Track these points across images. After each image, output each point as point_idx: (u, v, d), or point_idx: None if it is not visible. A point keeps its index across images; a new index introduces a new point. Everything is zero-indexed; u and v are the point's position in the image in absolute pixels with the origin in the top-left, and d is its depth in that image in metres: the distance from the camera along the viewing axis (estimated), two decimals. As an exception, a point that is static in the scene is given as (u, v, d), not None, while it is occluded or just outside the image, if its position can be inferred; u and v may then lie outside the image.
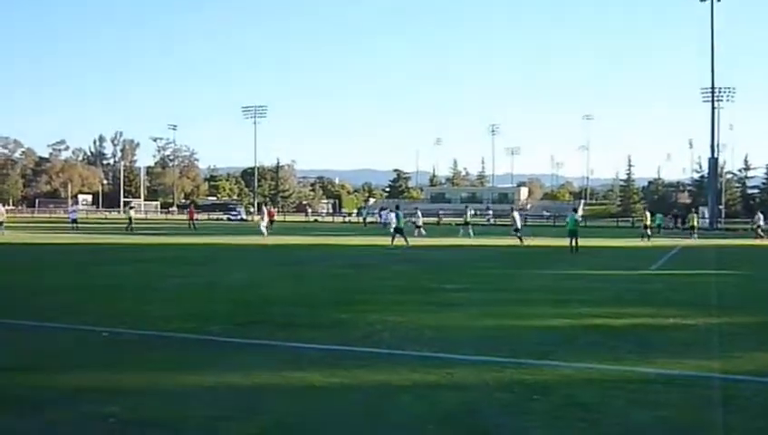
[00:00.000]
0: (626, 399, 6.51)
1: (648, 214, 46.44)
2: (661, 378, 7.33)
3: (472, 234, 41.97)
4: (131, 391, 6.64)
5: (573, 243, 28.72)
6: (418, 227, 41.58)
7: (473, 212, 52.81)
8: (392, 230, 31.55)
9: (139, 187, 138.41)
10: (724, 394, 6.79)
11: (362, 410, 6.17)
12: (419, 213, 44.34)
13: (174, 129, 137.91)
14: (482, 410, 6.16)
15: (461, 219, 48.35)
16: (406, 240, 30.60)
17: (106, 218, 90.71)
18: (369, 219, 72.40)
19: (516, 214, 38.18)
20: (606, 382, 7.12)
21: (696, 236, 46.58)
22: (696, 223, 50.24)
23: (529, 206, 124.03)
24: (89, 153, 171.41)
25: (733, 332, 10.34)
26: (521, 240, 34.52)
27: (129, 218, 51.45)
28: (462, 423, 5.83)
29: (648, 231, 42.53)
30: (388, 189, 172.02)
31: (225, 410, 6.07)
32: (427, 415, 5.99)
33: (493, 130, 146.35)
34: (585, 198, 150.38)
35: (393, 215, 33.30)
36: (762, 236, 44.19)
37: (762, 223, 46.13)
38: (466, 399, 6.47)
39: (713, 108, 77.56)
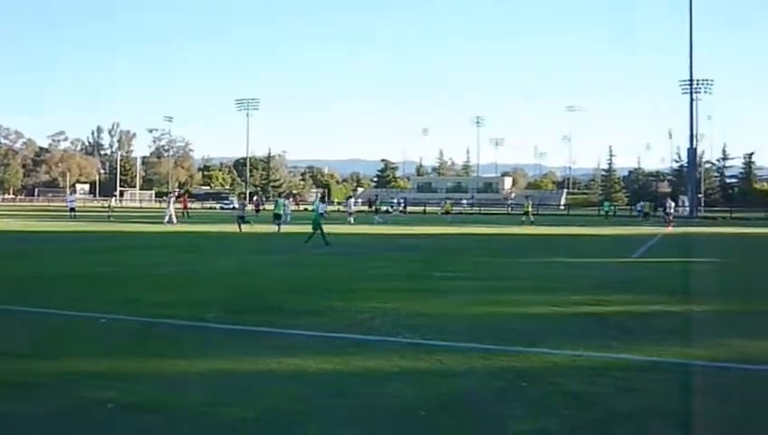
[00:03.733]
0: (612, 386, 6.65)
1: (529, 201, 54.67)
2: (646, 365, 7.52)
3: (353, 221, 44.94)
4: (129, 377, 6.73)
5: (316, 232, 24.57)
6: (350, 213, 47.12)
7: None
8: (237, 218, 33.52)
9: (135, 176, 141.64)
10: (706, 381, 6.96)
11: (355, 396, 6.28)
12: (351, 202, 51.68)
13: (170, 120, 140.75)
14: (471, 397, 6.30)
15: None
16: (240, 228, 31.89)
17: (103, 207, 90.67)
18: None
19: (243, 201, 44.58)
20: (592, 369, 7.26)
21: (648, 222, 50.08)
22: (648, 211, 55.88)
23: (513, 195, 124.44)
24: (87, 144, 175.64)
25: (713, 319, 10.54)
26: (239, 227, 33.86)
27: (109, 207, 54.20)
28: (452, 409, 5.97)
29: (531, 217, 48.39)
30: (375, 179, 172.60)
31: (223, 395, 6.18)
32: (418, 401, 6.11)
33: (478, 121, 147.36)
34: (568, 188, 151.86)
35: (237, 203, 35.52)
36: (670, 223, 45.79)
37: (671, 210, 48.80)
38: (456, 385, 6.62)
39: (691, 99, 78.71)
